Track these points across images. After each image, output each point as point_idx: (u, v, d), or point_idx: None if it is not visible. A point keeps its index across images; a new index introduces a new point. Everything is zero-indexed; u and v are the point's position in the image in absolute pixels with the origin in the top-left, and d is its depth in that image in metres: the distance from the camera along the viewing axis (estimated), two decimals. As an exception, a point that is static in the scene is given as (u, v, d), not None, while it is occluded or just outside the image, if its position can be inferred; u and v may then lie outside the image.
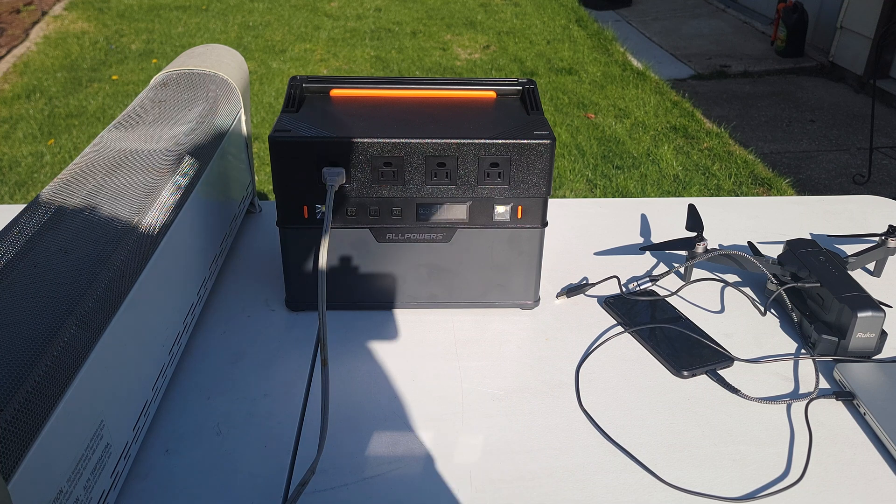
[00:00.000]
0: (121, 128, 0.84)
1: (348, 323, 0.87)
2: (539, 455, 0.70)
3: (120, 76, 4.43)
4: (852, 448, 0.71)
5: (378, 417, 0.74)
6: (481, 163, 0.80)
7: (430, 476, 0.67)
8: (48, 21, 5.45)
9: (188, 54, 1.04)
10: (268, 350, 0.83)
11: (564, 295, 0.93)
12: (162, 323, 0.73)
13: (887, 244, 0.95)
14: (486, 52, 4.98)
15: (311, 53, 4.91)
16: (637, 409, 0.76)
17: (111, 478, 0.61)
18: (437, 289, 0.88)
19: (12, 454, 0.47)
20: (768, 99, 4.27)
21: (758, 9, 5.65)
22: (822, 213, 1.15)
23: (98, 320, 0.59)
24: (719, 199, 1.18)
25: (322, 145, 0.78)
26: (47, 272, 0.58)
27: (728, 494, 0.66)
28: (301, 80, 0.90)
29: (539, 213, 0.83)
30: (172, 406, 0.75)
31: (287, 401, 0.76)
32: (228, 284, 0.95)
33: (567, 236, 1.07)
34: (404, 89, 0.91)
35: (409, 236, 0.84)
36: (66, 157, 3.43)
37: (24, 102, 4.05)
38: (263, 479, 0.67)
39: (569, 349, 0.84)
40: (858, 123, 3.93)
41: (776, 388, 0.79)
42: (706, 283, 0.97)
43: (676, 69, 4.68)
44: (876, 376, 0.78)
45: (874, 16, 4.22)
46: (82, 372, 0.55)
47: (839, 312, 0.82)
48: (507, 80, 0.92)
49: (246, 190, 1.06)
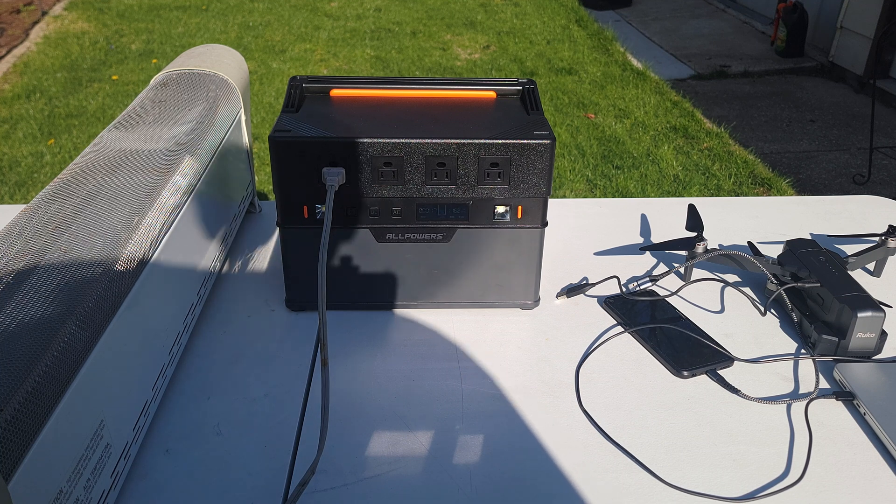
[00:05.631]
0: (121, 128, 0.84)
1: (348, 323, 0.87)
2: (539, 455, 0.70)
3: (120, 76, 4.43)
4: (852, 448, 0.71)
5: (378, 417, 0.74)
6: (481, 163, 0.80)
7: (430, 476, 0.67)
8: (48, 21, 5.45)
9: (188, 54, 1.04)
10: (268, 350, 0.83)
11: (564, 295, 0.93)
12: (162, 323, 0.73)
13: (887, 244, 0.95)
14: (486, 52, 4.98)
15: (311, 53, 4.91)
16: (637, 409, 0.76)
17: (111, 478, 0.61)
18: (437, 289, 0.88)
19: (12, 454, 0.47)
20: (768, 99, 4.27)
21: (758, 9, 5.65)
22: (822, 213, 1.15)
23: (98, 320, 0.59)
24: (719, 199, 1.18)
25: (322, 145, 0.78)
26: (47, 272, 0.58)
27: (728, 494, 0.66)
28: (301, 80, 0.90)
29: (539, 213, 0.83)
30: (172, 406, 0.75)
31: (287, 401, 0.76)
32: (228, 284, 0.95)
33: (567, 236, 1.07)
34: (404, 89, 0.91)
35: (409, 236, 0.84)
36: (66, 157, 3.43)
37: (24, 102, 4.05)
38: (263, 479, 0.67)
39: (569, 349, 0.84)
40: (858, 123, 3.93)
41: (776, 388, 0.79)
42: (706, 283, 0.97)
43: (676, 69, 4.68)
44: (876, 376, 0.78)
45: (874, 16, 4.22)
46: (82, 372, 0.55)
47: (839, 312, 0.82)
48: (507, 80, 0.92)
49: (246, 190, 1.06)
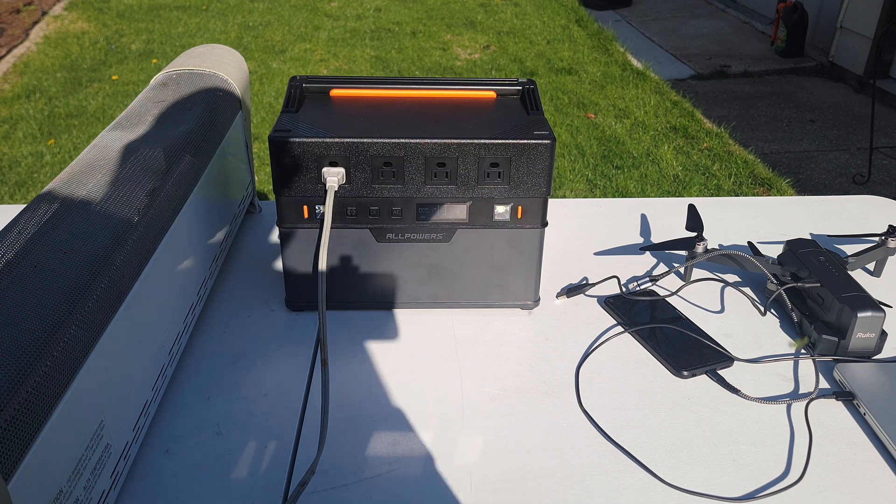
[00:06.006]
0: (121, 128, 0.84)
1: (348, 323, 0.87)
2: (539, 455, 0.70)
3: (120, 76, 4.43)
4: (852, 448, 0.71)
5: (378, 417, 0.74)
6: (481, 163, 0.80)
7: (430, 476, 0.67)
8: (48, 21, 5.45)
9: (188, 54, 1.04)
10: (268, 350, 0.83)
11: (564, 295, 0.93)
12: (162, 323, 0.73)
13: (887, 244, 0.95)
14: (486, 52, 4.98)
15: (311, 53, 4.91)
16: (637, 409, 0.76)
17: (111, 478, 0.61)
18: (437, 289, 0.88)
19: (12, 454, 0.47)
20: (768, 99, 4.27)
21: (758, 9, 5.65)
22: (822, 213, 1.15)
23: (98, 320, 0.59)
24: (719, 199, 1.18)
25: (322, 145, 0.78)
26: (47, 272, 0.58)
27: (728, 494, 0.66)
28: (301, 80, 0.90)
29: (539, 213, 0.83)
30: (172, 406, 0.75)
31: (287, 401, 0.76)
32: (228, 284, 0.95)
33: (567, 236, 1.07)
34: (404, 89, 0.91)
35: (409, 236, 0.84)
36: (66, 157, 3.43)
37: (24, 102, 4.05)
38: (263, 479, 0.67)
39: (569, 349, 0.84)
40: (858, 123, 3.93)
41: (776, 388, 0.79)
42: (706, 283, 0.97)
43: (676, 69, 4.68)
44: (876, 376, 0.78)
45: (874, 16, 4.22)
46: (82, 372, 0.55)
47: (839, 312, 0.82)
48: (507, 80, 0.92)
49: (246, 190, 1.06)
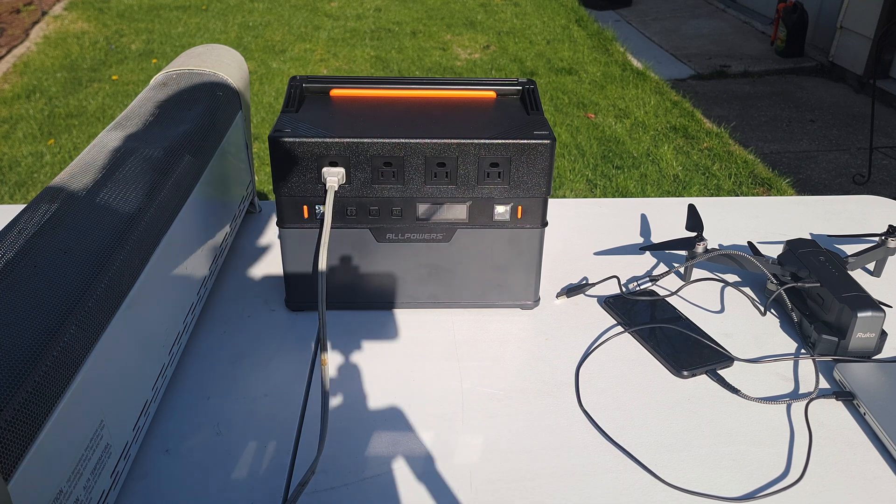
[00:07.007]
0: (121, 128, 0.84)
1: (348, 323, 0.87)
2: (539, 455, 0.70)
3: (120, 76, 4.43)
4: (852, 448, 0.71)
5: (378, 417, 0.74)
6: (481, 163, 0.80)
7: (430, 476, 0.67)
8: (48, 21, 5.45)
9: (188, 54, 1.04)
10: (268, 350, 0.83)
11: (564, 295, 0.93)
12: (162, 323, 0.73)
13: (887, 244, 0.95)
14: (486, 52, 4.98)
15: (311, 53, 4.91)
16: (637, 409, 0.76)
17: (111, 478, 0.61)
18: (437, 289, 0.88)
19: (12, 454, 0.47)
20: (768, 99, 4.27)
21: (758, 9, 5.65)
22: (822, 213, 1.15)
23: (98, 320, 0.59)
24: (719, 199, 1.18)
25: (322, 145, 0.78)
26: (47, 272, 0.58)
27: (728, 494, 0.66)
28: (301, 80, 0.90)
29: (539, 213, 0.83)
30: (172, 406, 0.75)
31: (287, 401, 0.76)
32: (228, 284, 0.95)
33: (567, 236, 1.07)
34: (404, 89, 0.91)
35: (409, 236, 0.84)
36: (66, 157, 3.43)
37: (24, 102, 4.05)
38: (263, 479, 0.67)
39: (569, 349, 0.84)
40: (858, 123, 3.93)
41: (776, 388, 0.79)
42: (706, 283, 0.97)
43: (676, 69, 4.68)
44: (876, 376, 0.78)
45: (874, 16, 4.22)
46: (82, 372, 0.55)
47: (839, 312, 0.82)
48: (507, 80, 0.92)
49: (246, 190, 1.06)
